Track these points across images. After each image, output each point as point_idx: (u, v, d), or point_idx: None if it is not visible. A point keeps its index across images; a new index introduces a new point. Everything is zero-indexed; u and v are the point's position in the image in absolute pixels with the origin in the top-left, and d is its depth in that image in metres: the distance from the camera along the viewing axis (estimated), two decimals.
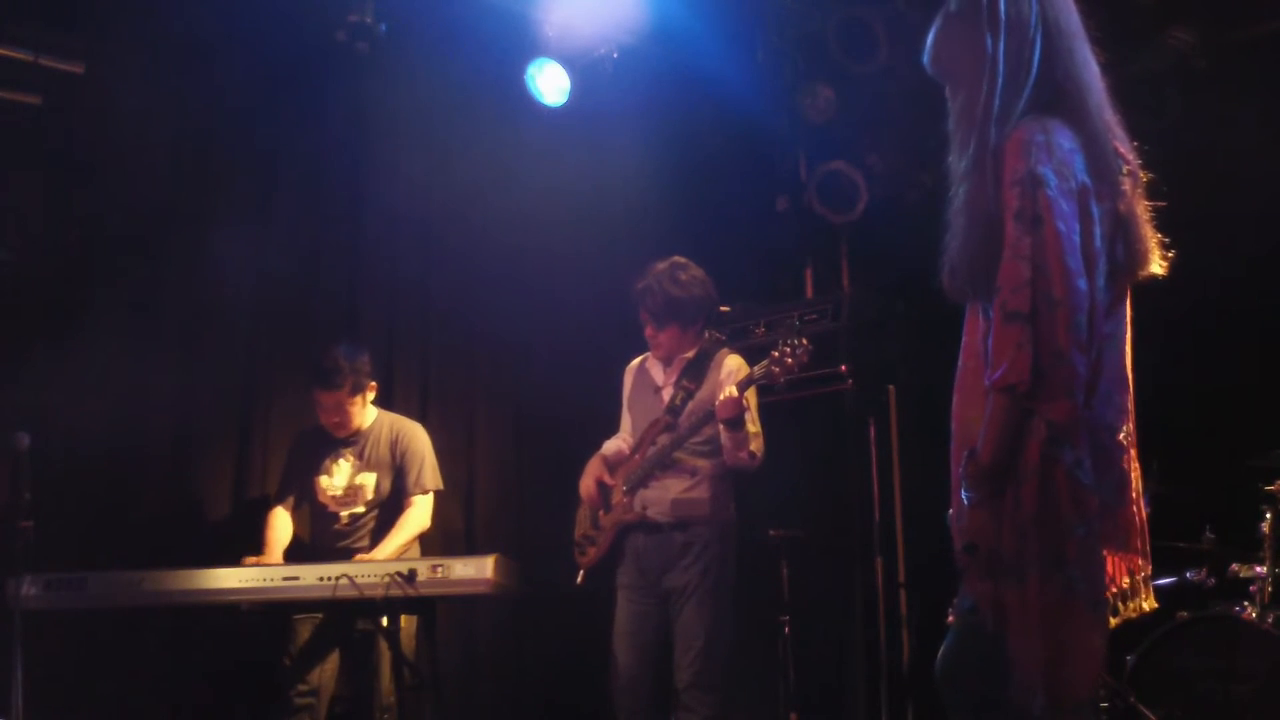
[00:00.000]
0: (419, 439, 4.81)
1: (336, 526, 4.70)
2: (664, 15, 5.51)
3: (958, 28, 2.54)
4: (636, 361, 4.62)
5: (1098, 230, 2.39)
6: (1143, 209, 2.51)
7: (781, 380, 4.12)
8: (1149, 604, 2.49)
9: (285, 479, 4.85)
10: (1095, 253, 2.38)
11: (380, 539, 4.64)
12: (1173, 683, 4.39)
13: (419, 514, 4.71)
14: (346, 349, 4.68)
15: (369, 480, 4.71)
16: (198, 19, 4.87)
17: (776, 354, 4.09)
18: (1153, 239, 2.51)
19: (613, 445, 4.56)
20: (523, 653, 5.65)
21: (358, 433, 4.76)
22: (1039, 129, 2.37)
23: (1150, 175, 2.58)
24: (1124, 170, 2.48)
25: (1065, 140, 2.39)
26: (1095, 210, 2.39)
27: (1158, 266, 2.51)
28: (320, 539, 4.75)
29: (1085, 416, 2.35)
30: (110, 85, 4.70)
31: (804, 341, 4.08)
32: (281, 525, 4.71)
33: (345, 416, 4.70)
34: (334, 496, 4.71)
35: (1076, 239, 2.33)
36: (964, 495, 2.40)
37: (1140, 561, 2.47)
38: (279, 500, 4.79)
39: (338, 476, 4.72)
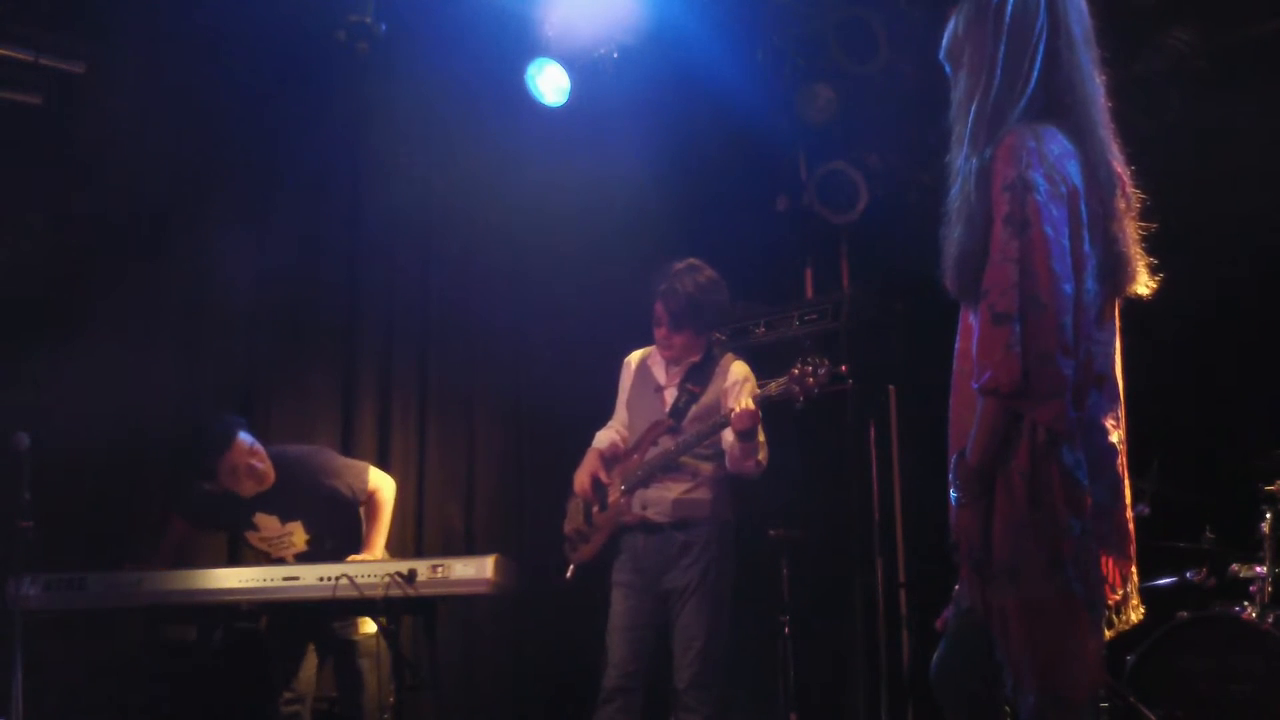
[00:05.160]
0: (325, 465, 4.55)
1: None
2: (664, 15, 5.50)
3: (967, 23, 2.54)
4: (637, 356, 4.56)
5: (1087, 234, 2.39)
6: (1133, 229, 2.51)
7: (801, 400, 4.06)
8: (1137, 615, 2.49)
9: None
10: (1084, 255, 2.38)
11: (333, 551, 4.50)
12: (1173, 683, 4.39)
13: (384, 494, 4.55)
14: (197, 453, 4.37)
15: (296, 527, 4.51)
16: (198, 19, 4.87)
17: (796, 372, 4.04)
18: (1140, 260, 2.51)
19: (606, 438, 4.52)
20: (522, 653, 5.65)
21: (263, 489, 4.46)
22: (1030, 135, 2.37)
23: (1150, 176, 2.58)
24: (1118, 190, 2.48)
25: (1056, 145, 2.39)
26: (1085, 213, 2.39)
27: (1144, 287, 2.52)
28: None
29: (1079, 418, 2.35)
30: (110, 85, 4.71)
31: (824, 361, 4.05)
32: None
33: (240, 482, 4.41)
34: (270, 545, 4.53)
35: (1065, 243, 2.33)
36: (951, 495, 2.41)
37: (1132, 569, 2.47)
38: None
39: (264, 530, 4.51)
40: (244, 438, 4.38)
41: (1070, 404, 2.31)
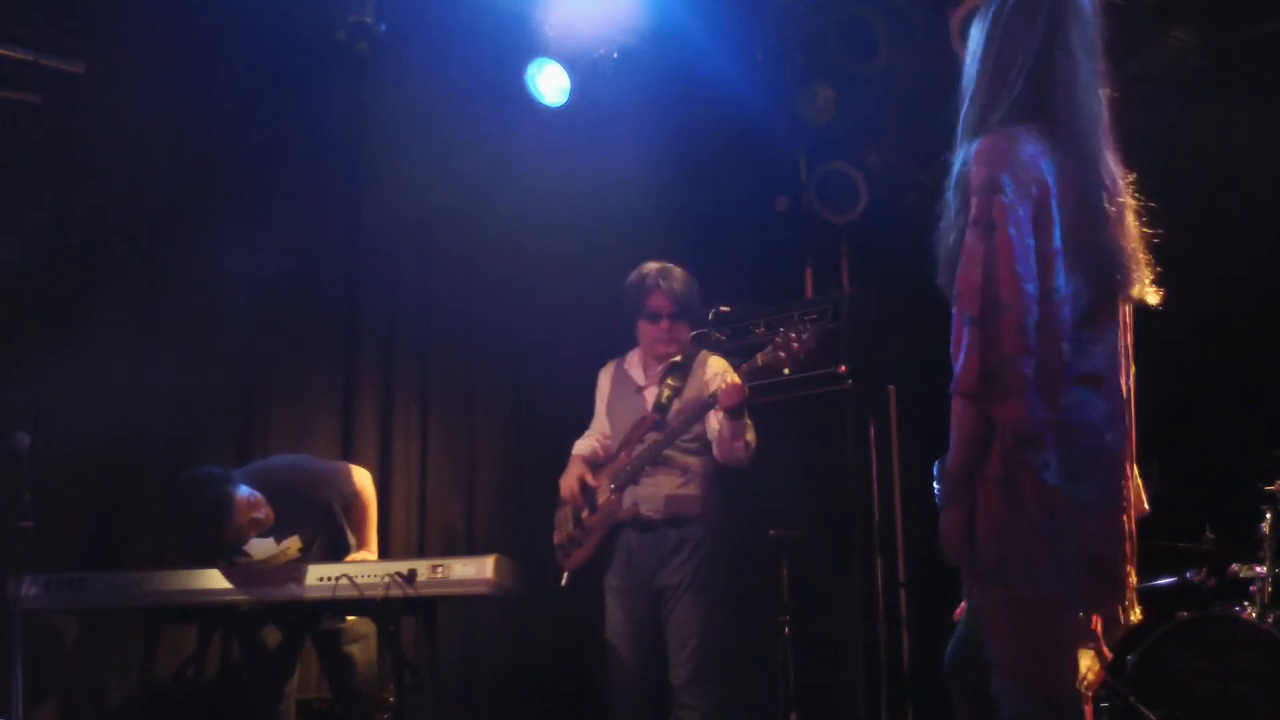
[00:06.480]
0: (312, 476, 4.51)
1: None
2: (664, 15, 5.50)
3: (977, 22, 2.55)
4: (611, 365, 4.64)
5: (1058, 230, 2.38)
6: (1127, 234, 2.49)
7: (787, 366, 4.04)
8: (1135, 616, 2.49)
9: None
10: (1053, 252, 2.37)
11: (321, 552, 4.47)
12: (1173, 683, 4.39)
13: (368, 489, 4.52)
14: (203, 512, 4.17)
15: (291, 541, 4.43)
16: (198, 19, 4.87)
17: (780, 339, 4.04)
18: (1139, 265, 2.50)
19: (587, 445, 4.55)
20: (522, 653, 5.65)
21: (264, 530, 4.36)
22: (1004, 137, 2.39)
23: (1150, 176, 2.58)
24: (1108, 195, 2.47)
25: (1031, 146, 2.39)
26: (1057, 211, 2.38)
27: (1151, 296, 2.51)
28: None
29: (1052, 418, 2.34)
30: (110, 85, 4.70)
31: (808, 326, 4.05)
32: None
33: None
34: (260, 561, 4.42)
35: (1030, 241, 2.33)
36: (937, 498, 2.42)
37: (1130, 569, 2.46)
38: None
39: (257, 553, 4.38)
40: (240, 493, 4.19)
41: (1034, 405, 2.31)
